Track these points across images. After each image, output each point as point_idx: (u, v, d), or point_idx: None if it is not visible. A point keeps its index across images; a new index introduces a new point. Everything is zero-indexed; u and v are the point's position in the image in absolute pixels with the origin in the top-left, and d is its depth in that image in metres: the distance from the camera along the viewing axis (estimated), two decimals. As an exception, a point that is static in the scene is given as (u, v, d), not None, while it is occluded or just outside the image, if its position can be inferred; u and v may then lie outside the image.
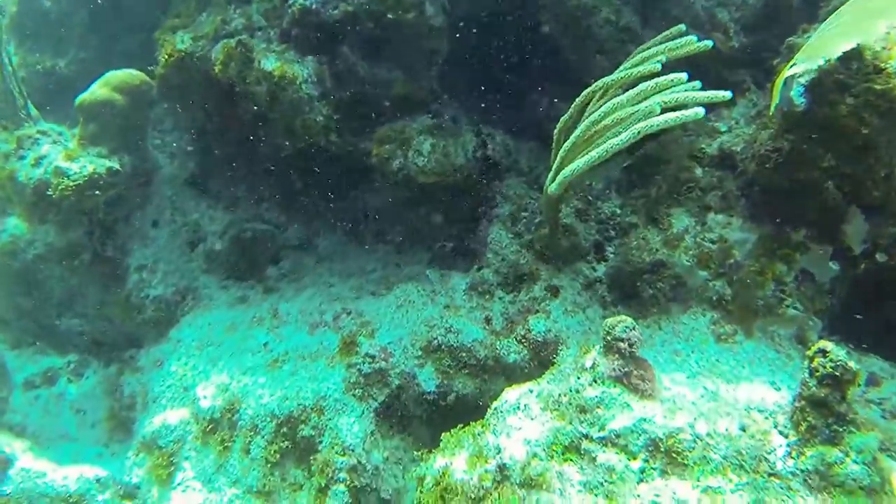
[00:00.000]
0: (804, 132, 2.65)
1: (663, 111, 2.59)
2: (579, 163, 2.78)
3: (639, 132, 2.58)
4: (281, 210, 3.91)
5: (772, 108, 2.64)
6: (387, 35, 3.23)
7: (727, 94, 2.61)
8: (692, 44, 2.85)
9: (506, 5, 3.59)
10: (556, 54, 3.53)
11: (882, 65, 2.62)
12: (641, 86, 2.68)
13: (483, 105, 3.87)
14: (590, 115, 2.85)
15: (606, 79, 2.86)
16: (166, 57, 3.41)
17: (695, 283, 2.97)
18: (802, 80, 2.72)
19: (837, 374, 1.94)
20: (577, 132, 2.84)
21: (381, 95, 3.32)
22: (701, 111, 2.52)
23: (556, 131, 3.02)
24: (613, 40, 3.26)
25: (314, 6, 3.10)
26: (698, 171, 3.10)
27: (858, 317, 2.85)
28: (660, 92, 2.72)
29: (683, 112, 2.55)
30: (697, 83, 2.77)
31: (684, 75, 2.67)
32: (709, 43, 2.82)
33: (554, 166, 2.91)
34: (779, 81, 2.70)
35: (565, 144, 2.87)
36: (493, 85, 3.82)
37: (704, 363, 2.76)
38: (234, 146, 3.79)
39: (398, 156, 3.21)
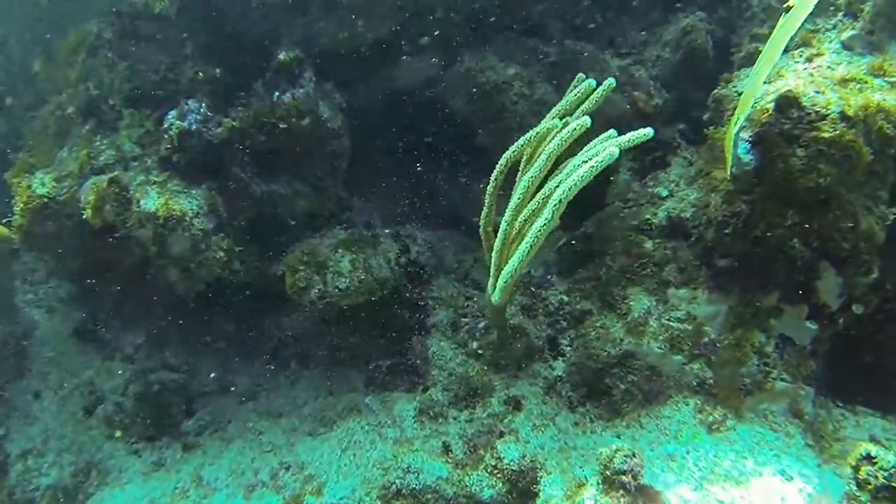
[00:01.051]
0: (760, 191, 2.45)
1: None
2: (514, 262, 2.48)
3: (559, 201, 2.30)
4: (188, 353, 3.42)
5: (727, 170, 2.43)
6: (281, 146, 2.89)
7: (649, 132, 2.37)
8: (591, 87, 2.62)
9: (406, 91, 3.32)
10: (470, 136, 3.27)
11: (823, 111, 2.47)
12: (548, 148, 2.43)
13: (396, 200, 3.57)
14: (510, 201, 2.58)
15: (508, 153, 2.59)
16: (23, 205, 2.93)
17: (670, 371, 2.69)
18: (746, 136, 2.55)
19: (893, 483, 1.67)
20: (503, 226, 2.55)
21: (285, 213, 2.95)
22: (615, 151, 2.25)
23: (481, 228, 2.74)
24: (529, 114, 3.02)
25: (194, 127, 2.72)
26: (648, 245, 2.86)
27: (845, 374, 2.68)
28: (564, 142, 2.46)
29: (597, 158, 2.29)
30: (612, 131, 2.55)
31: (586, 119, 2.43)
32: (611, 81, 2.57)
33: (491, 272, 2.60)
34: (728, 142, 2.50)
35: (496, 244, 2.56)
36: (405, 176, 3.52)
37: (704, 464, 2.46)
38: (125, 288, 3.32)
39: (316, 283, 2.82)
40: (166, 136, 2.73)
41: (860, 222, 2.41)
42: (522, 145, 2.58)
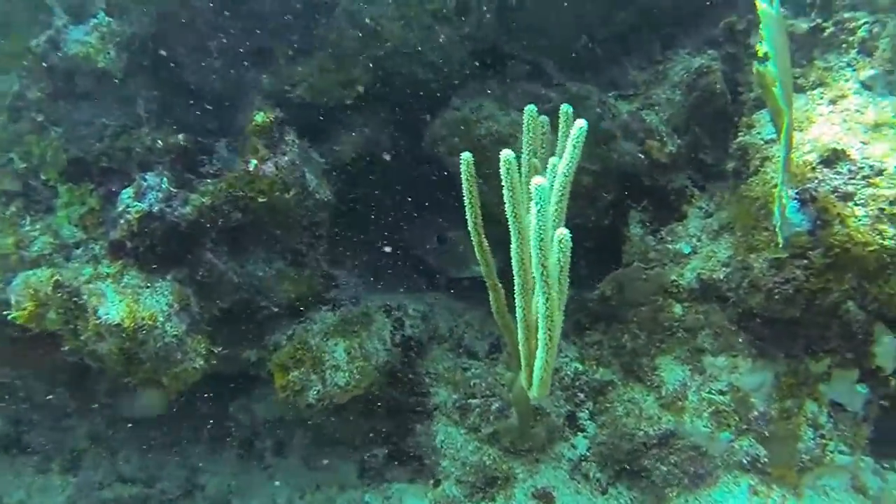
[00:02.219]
0: (816, 256, 2.25)
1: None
2: (542, 353, 2.15)
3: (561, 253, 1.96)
4: (145, 457, 2.92)
5: (778, 236, 2.21)
6: (258, 221, 2.46)
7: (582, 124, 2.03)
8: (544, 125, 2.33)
9: (379, 147, 2.95)
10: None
11: (878, 164, 2.30)
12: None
13: (380, 266, 3.20)
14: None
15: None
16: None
17: (717, 450, 2.47)
18: (789, 194, 2.34)
19: None
20: (518, 313, 2.20)
21: (267, 300, 2.52)
22: (583, 122, 1.94)
23: (494, 313, 2.42)
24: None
25: (156, 209, 2.26)
26: (678, 309, 2.62)
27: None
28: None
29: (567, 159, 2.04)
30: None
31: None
32: (583, 127, 2.17)
33: (522, 364, 2.27)
34: (775, 205, 2.28)
35: (519, 336, 2.23)
36: (388, 238, 3.15)
37: (776, 559, 2.25)
38: (64, 386, 2.80)
39: (313, 384, 2.40)
40: (122, 222, 2.25)
41: (918, 283, 2.26)
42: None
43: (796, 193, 2.33)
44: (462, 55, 2.79)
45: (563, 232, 1.81)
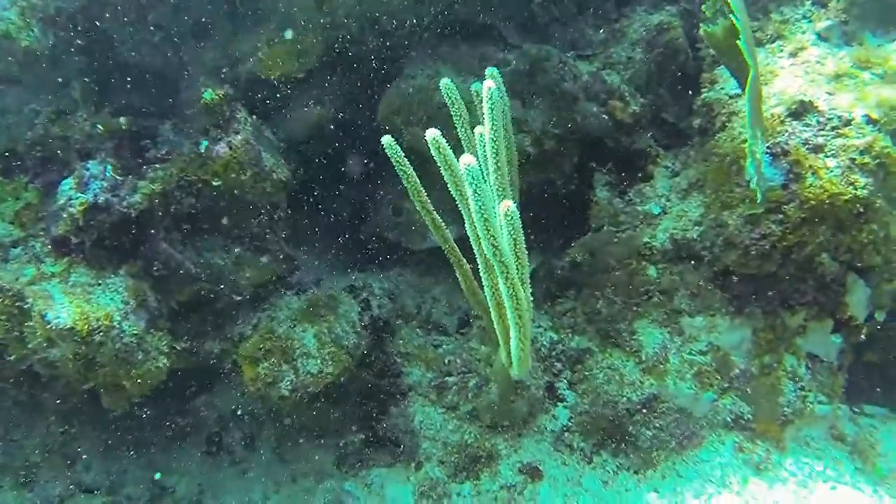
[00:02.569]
0: (791, 210, 2.23)
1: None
2: (516, 333, 2.06)
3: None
4: (105, 462, 2.75)
5: (757, 192, 2.16)
6: (214, 205, 2.30)
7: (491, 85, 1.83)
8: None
9: (332, 122, 2.81)
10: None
11: (845, 114, 2.28)
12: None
13: (340, 243, 3.06)
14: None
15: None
16: None
17: (702, 410, 2.45)
18: (764, 150, 2.30)
19: None
20: (488, 295, 2.11)
21: (229, 289, 2.37)
22: (491, 83, 1.83)
23: (465, 291, 2.34)
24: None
25: (101, 200, 2.08)
26: (652, 271, 2.58)
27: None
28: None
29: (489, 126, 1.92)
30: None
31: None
32: (491, 83, 1.94)
33: (501, 344, 2.18)
34: (749, 159, 2.24)
35: (492, 317, 2.13)
36: (346, 213, 3.02)
37: (767, 513, 2.24)
38: (10, 397, 2.60)
39: (285, 374, 2.28)
40: (64, 216, 2.06)
41: (891, 230, 2.26)
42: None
43: (767, 147, 2.30)
44: (414, 18, 2.66)
45: (509, 205, 1.69)
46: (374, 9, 2.45)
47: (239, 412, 2.89)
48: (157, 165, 2.20)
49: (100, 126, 2.14)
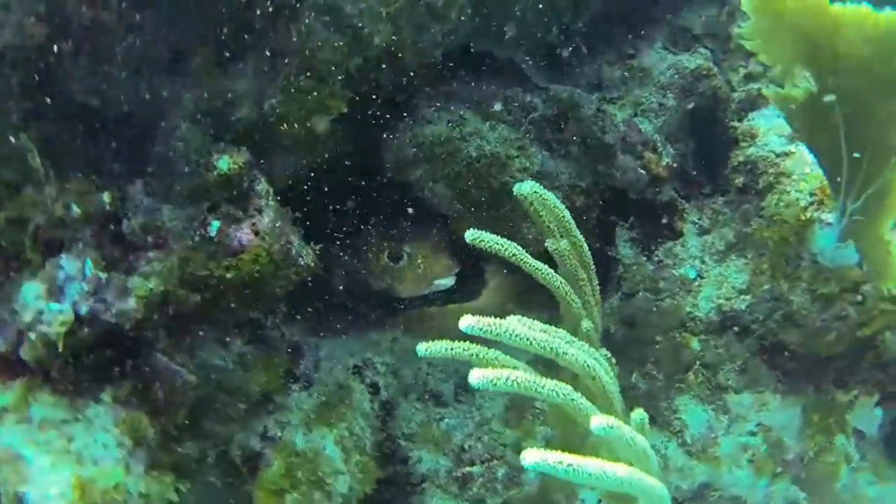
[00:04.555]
0: (870, 292, 2.04)
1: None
2: None
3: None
4: None
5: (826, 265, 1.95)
6: (217, 300, 1.75)
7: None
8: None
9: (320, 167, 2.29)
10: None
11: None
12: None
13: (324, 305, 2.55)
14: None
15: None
16: None
17: (756, 498, 2.24)
18: (830, 220, 2.10)
19: None
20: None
21: (234, 398, 1.84)
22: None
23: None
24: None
25: (84, 310, 1.48)
26: (695, 344, 2.33)
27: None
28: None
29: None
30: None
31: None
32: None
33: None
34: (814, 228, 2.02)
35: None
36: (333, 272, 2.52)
37: None
38: None
39: (320, 502, 1.80)
40: (34, 338, 1.45)
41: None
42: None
43: (836, 219, 2.11)
44: (434, 53, 2.20)
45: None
46: (407, 45, 1.97)
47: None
48: (151, 254, 1.62)
49: (76, 207, 1.53)
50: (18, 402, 1.52)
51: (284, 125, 1.82)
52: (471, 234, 1.67)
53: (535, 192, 1.77)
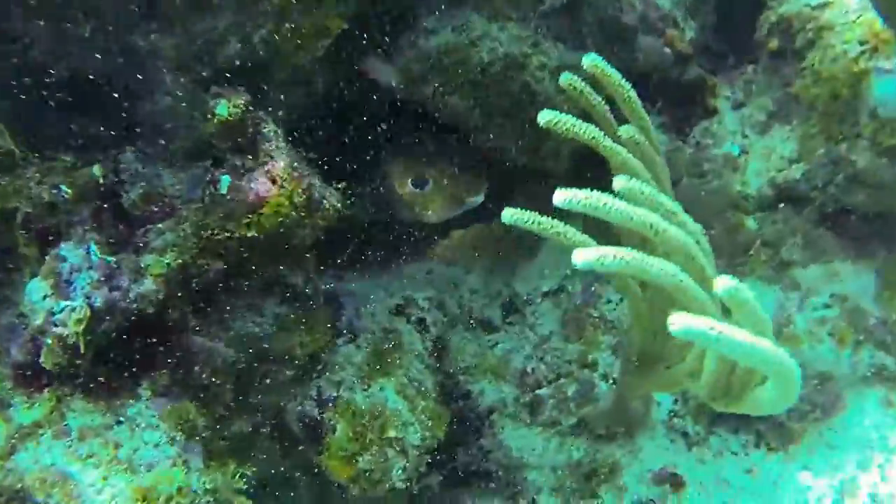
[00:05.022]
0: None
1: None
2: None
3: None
4: None
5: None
6: (242, 262, 1.52)
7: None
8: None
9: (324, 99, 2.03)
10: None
11: None
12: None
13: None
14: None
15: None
16: None
17: (841, 370, 2.07)
18: (889, 66, 1.84)
19: None
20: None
21: (275, 362, 1.64)
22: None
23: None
24: (556, 94, 1.98)
25: (99, 302, 1.26)
26: (751, 223, 2.11)
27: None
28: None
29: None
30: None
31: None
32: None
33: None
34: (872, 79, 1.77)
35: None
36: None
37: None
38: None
39: (395, 461, 1.60)
40: (51, 341, 1.23)
41: None
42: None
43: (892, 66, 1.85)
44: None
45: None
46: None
47: None
48: (161, 225, 1.39)
49: (66, 188, 1.29)
50: (52, 415, 1.32)
51: (280, 56, 1.55)
52: (545, 115, 1.40)
53: (595, 65, 1.50)
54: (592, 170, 2.24)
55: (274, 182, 1.39)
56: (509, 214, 1.28)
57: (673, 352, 1.62)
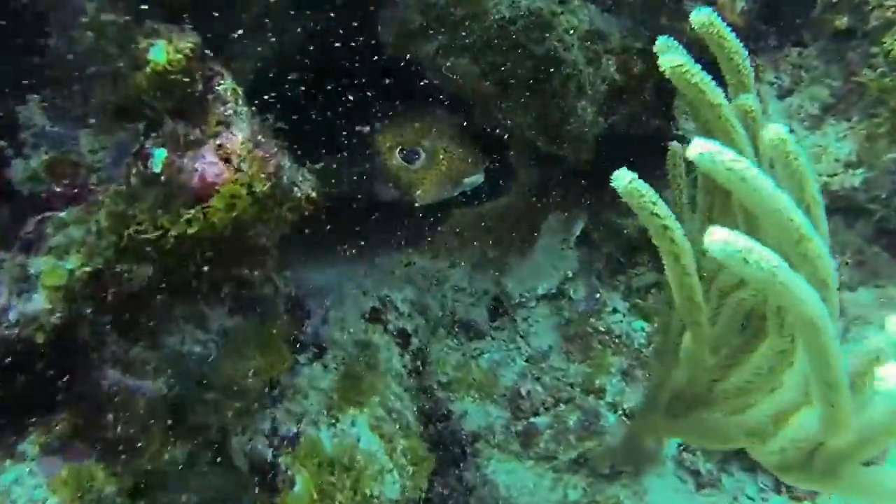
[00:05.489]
0: None
1: None
2: None
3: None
4: None
5: None
6: (182, 264, 1.12)
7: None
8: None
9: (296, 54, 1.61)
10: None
11: None
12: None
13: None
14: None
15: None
16: None
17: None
18: None
19: None
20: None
21: (220, 392, 1.24)
22: None
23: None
24: (585, 64, 1.60)
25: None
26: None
27: None
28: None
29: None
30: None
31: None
32: None
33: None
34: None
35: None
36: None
37: None
38: None
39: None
40: None
41: None
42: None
43: None
44: None
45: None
46: None
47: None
48: (64, 214, 0.97)
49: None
50: None
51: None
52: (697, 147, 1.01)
53: (711, 22, 1.10)
54: (617, 164, 1.91)
55: (228, 162, 0.98)
56: (625, 181, 0.94)
57: (727, 397, 1.29)
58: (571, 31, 1.56)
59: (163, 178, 0.99)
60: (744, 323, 1.28)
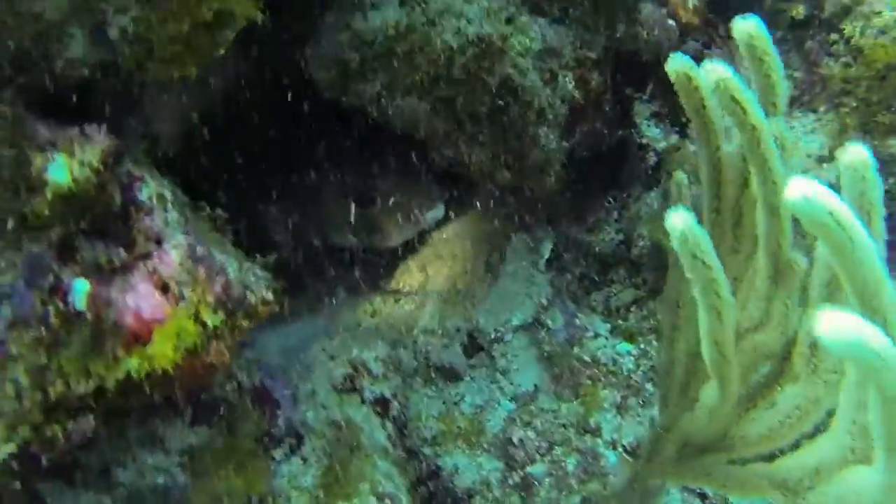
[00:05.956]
0: None
1: None
2: None
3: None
4: None
5: None
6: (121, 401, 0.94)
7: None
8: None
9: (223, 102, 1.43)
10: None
11: None
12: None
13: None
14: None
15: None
16: None
17: None
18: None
19: None
20: None
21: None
22: None
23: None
24: (542, 86, 1.46)
25: None
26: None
27: None
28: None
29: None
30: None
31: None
32: None
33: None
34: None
35: None
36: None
37: None
38: None
39: None
40: None
41: None
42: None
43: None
44: None
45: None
46: None
47: None
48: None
49: None
50: None
51: (156, 54, 0.94)
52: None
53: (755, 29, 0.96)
54: (586, 190, 1.79)
55: (166, 291, 0.81)
56: (681, 228, 0.80)
57: (747, 444, 1.19)
58: (525, 53, 1.43)
59: (88, 315, 0.81)
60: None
